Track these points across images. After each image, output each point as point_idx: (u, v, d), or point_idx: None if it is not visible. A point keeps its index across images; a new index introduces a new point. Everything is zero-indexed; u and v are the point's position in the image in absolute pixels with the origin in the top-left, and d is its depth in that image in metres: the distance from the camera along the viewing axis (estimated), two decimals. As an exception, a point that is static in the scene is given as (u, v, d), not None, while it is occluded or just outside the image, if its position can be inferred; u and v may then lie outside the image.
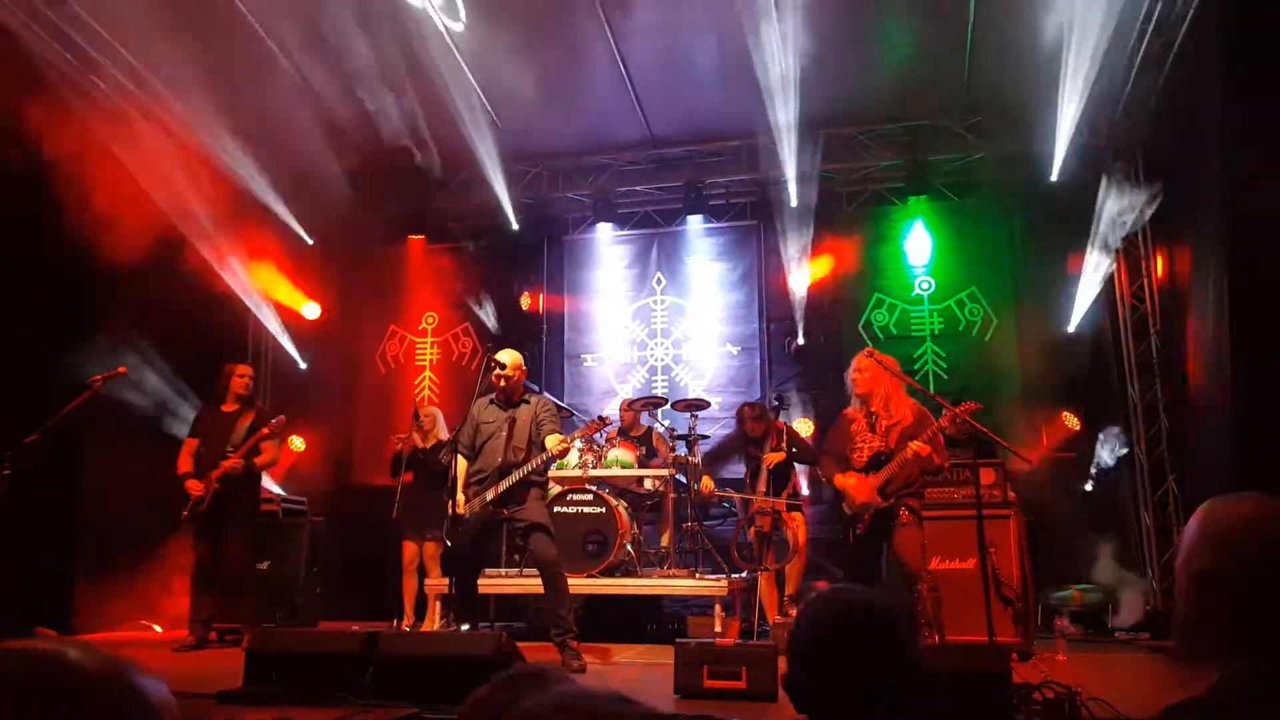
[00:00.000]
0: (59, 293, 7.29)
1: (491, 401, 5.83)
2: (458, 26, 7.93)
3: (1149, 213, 8.11)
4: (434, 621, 7.11)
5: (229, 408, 6.74)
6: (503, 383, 5.71)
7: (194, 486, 6.43)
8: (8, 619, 4.88)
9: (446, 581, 6.42)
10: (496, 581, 7.03)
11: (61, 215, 6.83)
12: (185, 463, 6.57)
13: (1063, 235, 8.64)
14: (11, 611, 5.28)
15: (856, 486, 5.30)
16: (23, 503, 5.42)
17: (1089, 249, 8.31)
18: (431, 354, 10.43)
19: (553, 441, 5.50)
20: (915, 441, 5.13)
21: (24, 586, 6.30)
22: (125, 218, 7.20)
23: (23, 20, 7.05)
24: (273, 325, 9.76)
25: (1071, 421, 8.35)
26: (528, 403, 5.79)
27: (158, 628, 7.74)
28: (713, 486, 7.51)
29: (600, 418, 6.04)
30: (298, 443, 10.11)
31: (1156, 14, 7.25)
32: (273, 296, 9.77)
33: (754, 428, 7.38)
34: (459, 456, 5.86)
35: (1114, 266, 8.44)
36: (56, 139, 6.78)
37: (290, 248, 9.98)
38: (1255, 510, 1.48)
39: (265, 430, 6.57)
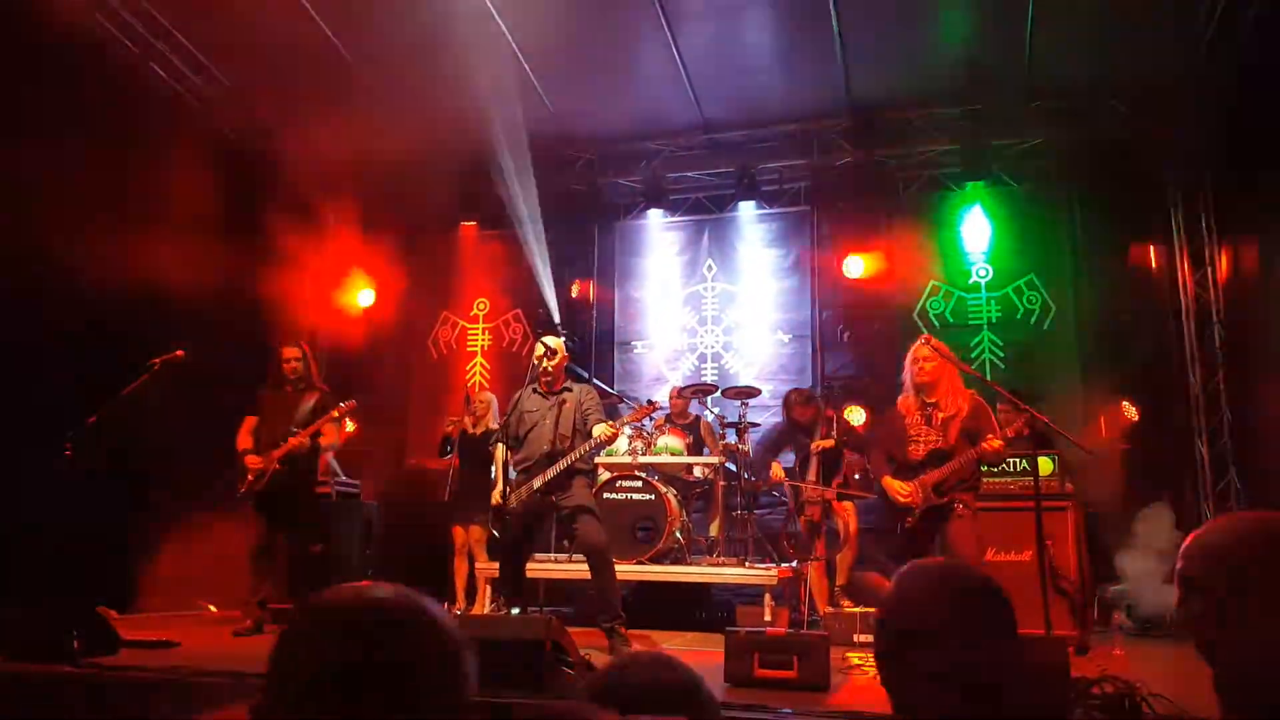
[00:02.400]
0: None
1: (535, 390, 5.83)
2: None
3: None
4: (484, 605, 7.16)
5: (288, 388, 6.70)
6: (548, 366, 5.70)
7: (253, 462, 6.41)
8: (67, 597, 4.98)
9: (496, 566, 6.45)
10: (545, 566, 7.05)
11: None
12: (245, 439, 6.55)
13: (1124, 221, 8.44)
14: (71, 589, 5.39)
15: (910, 494, 5.17)
16: (83, 482, 5.54)
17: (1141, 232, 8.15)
18: (483, 340, 10.48)
19: (600, 429, 5.48)
20: (991, 438, 5.00)
21: (83, 565, 6.43)
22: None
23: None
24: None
25: (1130, 411, 8.14)
26: (571, 390, 5.77)
27: (213, 607, 7.87)
28: (782, 475, 7.42)
29: (650, 402, 6.01)
30: (349, 426, 10.28)
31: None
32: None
33: (801, 412, 7.31)
34: (500, 445, 5.90)
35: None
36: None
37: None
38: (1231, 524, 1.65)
39: (334, 412, 6.51)
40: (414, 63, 7.95)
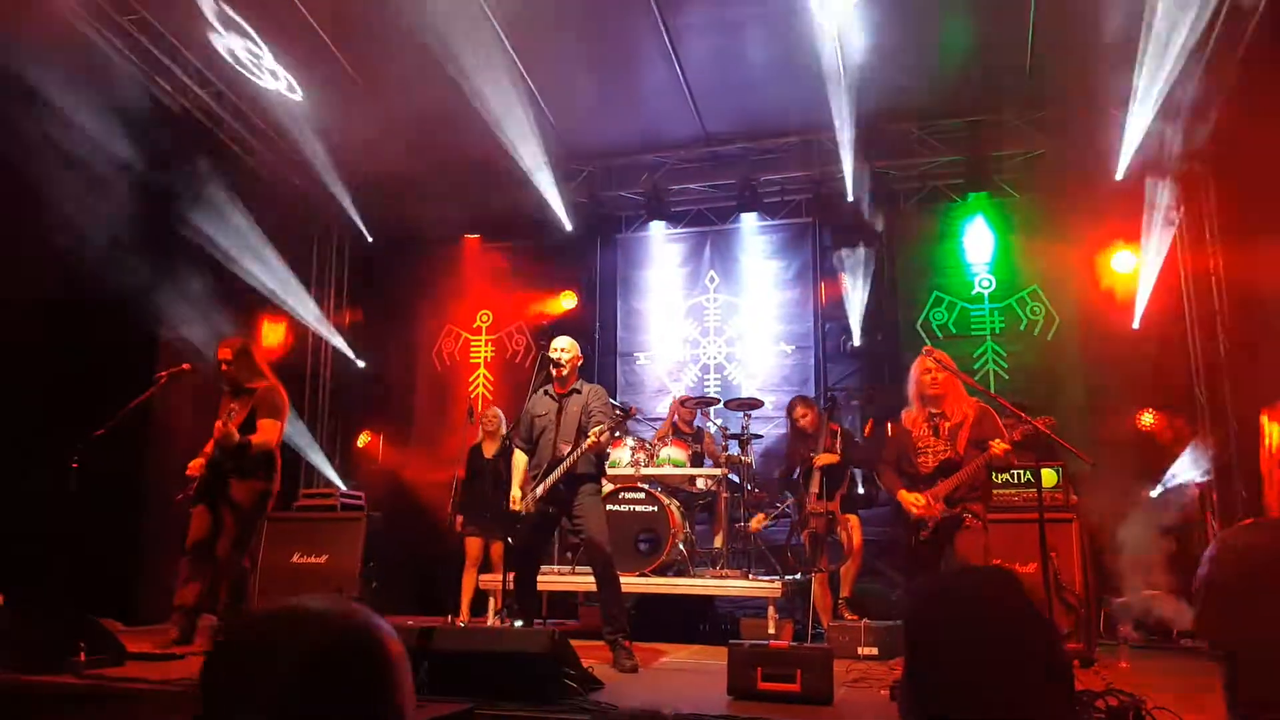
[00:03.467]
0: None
1: (545, 392, 5.75)
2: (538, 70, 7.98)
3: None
4: (489, 617, 7.17)
5: (227, 390, 6.12)
6: (559, 370, 5.64)
7: (191, 469, 6.01)
8: (72, 608, 4.99)
9: (500, 578, 6.43)
10: (550, 578, 7.04)
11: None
12: (209, 446, 6.04)
13: (1128, 230, 8.47)
14: (75, 601, 5.39)
15: (925, 507, 5.15)
16: (89, 494, 5.55)
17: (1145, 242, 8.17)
18: (486, 352, 10.50)
19: (591, 433, 5.36)
20: (997, 442, 4.99)
21: (88, 576, 6.43)
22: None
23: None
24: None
25: (1148, 420, 8.11)
26: (579, 392, 5.68)
27: (217, 619, 7.86)
28: (759, 528, 7.42)
29: (624, 410, 5.96)
30: (363, 438, 10.34)
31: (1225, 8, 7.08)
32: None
33: (804, 419, 7.29)
34: (516, 451, 5.82)
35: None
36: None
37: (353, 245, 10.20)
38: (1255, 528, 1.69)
39: (229, 407, 5.93)
40: (417, 77, 7.98)
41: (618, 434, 7.11)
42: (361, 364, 10.44)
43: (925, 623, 1.54)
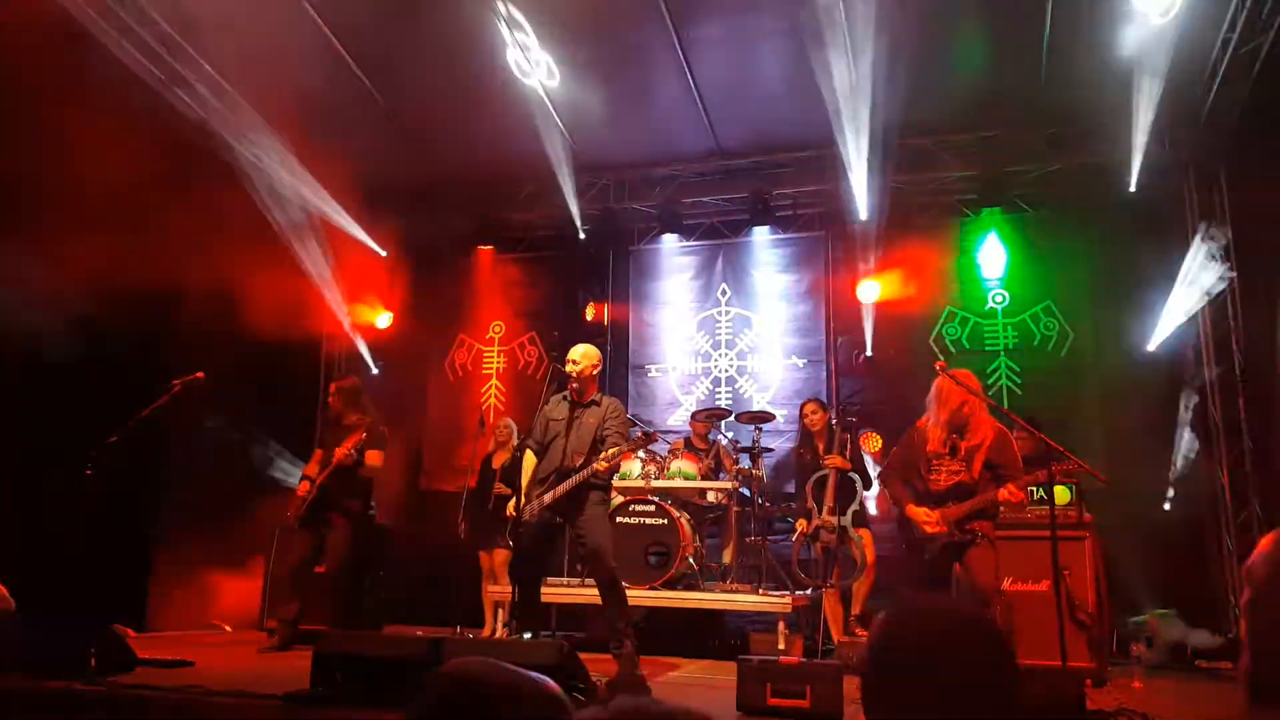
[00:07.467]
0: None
1: (564, 398, 5.72)
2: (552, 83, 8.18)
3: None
4: (496, 629, 7.15)
5: (345, 421, 6.99)
6: (571, 383, 5.61)
7: (300, 487, 6.89)
8: (84, 615, 5.01)
9: (508, 590, 6.41)
10: (558, 590, 7.03)
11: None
12: (310, 469, 6.99)
13: (1142, 247, 8.43)
14: (88, 608, 5.41)
15: (936, 524, 5.09)
16: (102, 501, 5.58)
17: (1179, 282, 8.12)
18: (498, 363, 10.51)
19: (608, 451, 5.36)
20: (1010, 486, 4.94)
21: (101, 583, 6.46)
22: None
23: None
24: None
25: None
26: (598, 404, 5.63)
27: (228, 627, 7.90)
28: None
29: (648, 434, 5.98)
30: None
31: (1241, 21, 7.08)
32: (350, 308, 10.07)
33: (811, 419, 7.28)
34: (528, 453, 5.78)
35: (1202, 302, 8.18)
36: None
37: (364, 259, 10.21)
38: None
39: (352, 439, 6.73)
40: (434, 91, 8.02)
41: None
42: (375, 370, 10.43)
43: (887, 642, 1.54)
